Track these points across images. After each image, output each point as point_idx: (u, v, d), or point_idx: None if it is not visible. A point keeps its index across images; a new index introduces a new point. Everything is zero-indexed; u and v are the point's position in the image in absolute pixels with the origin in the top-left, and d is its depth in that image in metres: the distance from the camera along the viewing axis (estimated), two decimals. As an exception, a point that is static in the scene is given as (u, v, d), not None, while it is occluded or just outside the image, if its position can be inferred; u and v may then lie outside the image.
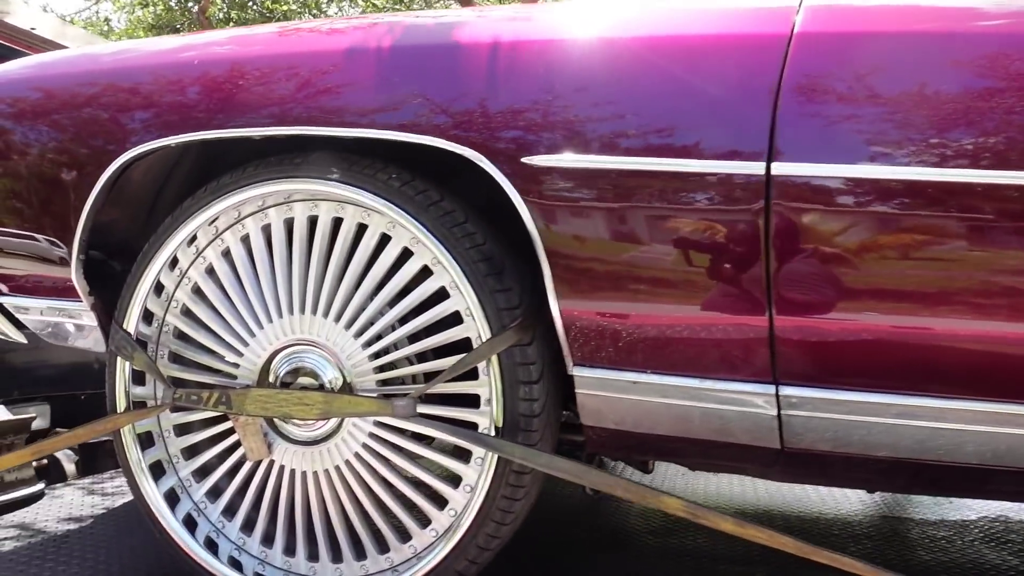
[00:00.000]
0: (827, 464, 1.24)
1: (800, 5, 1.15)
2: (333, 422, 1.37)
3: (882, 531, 1.92)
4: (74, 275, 1.46)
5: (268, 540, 1.45)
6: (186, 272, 1.47)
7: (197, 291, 1.47)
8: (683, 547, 1.72)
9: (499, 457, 1.27)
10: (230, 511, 1.48)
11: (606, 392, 1.24)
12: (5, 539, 1.80)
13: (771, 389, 1.15)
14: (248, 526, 1.46)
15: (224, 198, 1.38)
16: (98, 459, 2.31)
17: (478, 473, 1.32)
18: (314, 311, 1.37)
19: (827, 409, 1.15)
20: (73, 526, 1.92)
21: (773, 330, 1.11)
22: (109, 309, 1.51)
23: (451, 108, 1.22)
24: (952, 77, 1.06)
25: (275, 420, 1.41)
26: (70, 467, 2.22)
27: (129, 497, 2.19)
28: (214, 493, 1.49)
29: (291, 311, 1.39)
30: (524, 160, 1.17)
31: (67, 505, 2.13)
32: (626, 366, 1.21)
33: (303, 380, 1.38)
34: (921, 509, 2.09)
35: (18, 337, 1.64)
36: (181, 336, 1.49)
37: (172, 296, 1.48)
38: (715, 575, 1.53)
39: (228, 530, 1.47)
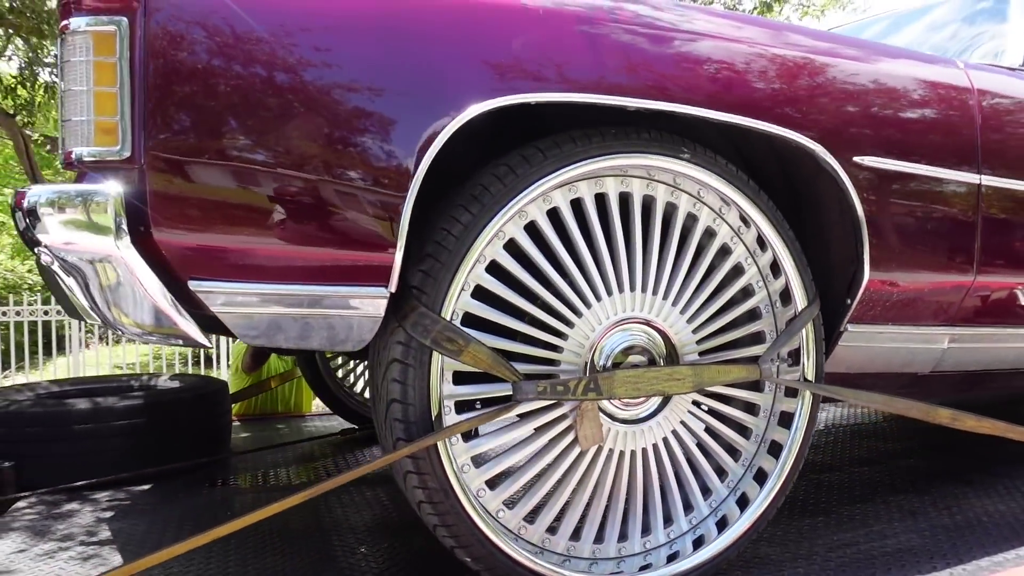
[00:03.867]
0: (935, 380, 1.82)
1: (962, 64, 1.68)
2: (657, 399, 1.40)
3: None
4: (398, 254, 1.12)
5: (576, 534, 1.37)
6: (481, 250, 1.27)
7: (493, 269, 1.29)
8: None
9: (812, 401, 1.50)
10: (533, 514, 1.34)
11: (860, 343, 1.58)
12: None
13: (950, 329, 1.67)
14: (554, 524, 1.36)
15: (571, 168, 1.27)
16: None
17: (765, 423, 1.53)
18: (643, 289, 1.37)
19: (970, 340, 1.72)
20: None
21: (971, 287, 1.63)
22: None
23: (807, 110, 1.40)
24: None
25: (601, 403, 1.35)
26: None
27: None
28: (512, 500, 1.33)
29: (620, 290, 1.35)
30: (856, 159, 1.45)
31: None
32: (880, 321, 1.58)
33: (634, 358, 1.37)
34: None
35: (202, 339, 1.11)
36: (470, 322, 1.28)
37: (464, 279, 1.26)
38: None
39: (529, 534, 1.34)
